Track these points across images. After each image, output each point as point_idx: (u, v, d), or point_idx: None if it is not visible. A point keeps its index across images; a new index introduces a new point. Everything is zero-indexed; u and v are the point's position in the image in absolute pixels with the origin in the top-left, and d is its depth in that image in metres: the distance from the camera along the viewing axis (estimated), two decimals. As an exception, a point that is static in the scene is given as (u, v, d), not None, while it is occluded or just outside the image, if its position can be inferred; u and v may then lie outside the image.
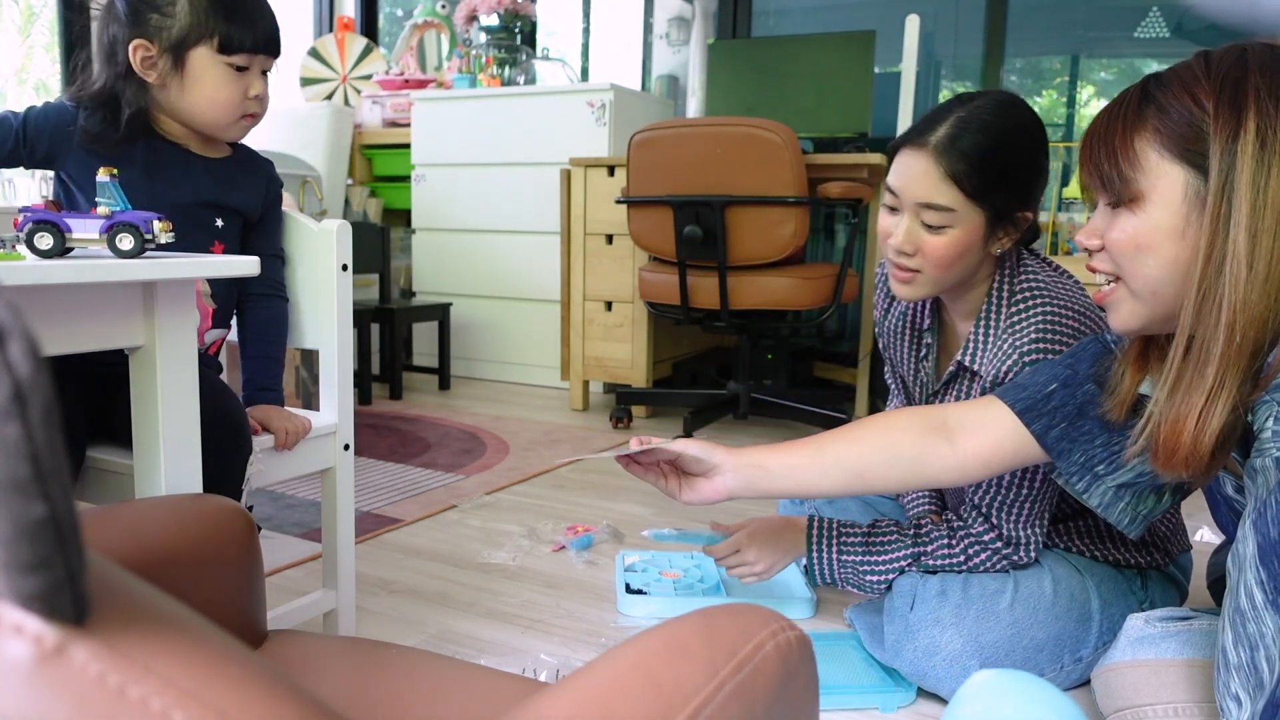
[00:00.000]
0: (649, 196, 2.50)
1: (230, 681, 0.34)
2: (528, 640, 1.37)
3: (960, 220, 1.22)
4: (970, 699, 0.72)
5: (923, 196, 1.23)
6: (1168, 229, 0.86)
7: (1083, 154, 0.93)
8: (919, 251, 1.25)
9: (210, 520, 0.76)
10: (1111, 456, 1.06)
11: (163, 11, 1.14)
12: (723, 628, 0.48)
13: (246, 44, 1.17)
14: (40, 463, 0.29)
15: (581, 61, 4.04)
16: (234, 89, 1.19)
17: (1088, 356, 1.09)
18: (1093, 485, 1.07)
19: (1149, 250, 0.88)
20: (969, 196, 1.21)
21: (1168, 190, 0.86)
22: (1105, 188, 0.91)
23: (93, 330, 0.88)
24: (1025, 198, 1.26)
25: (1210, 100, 0.84)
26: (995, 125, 1.22)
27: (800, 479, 1.14)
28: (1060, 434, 1.06)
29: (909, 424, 1.13)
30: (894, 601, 1.26)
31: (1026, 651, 1.19)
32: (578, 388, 3.09)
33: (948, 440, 1.11)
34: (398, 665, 0.76)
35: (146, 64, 1.16)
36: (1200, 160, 0.84)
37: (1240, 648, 0.78)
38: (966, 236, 1.23)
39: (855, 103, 2.98)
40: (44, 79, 3.15)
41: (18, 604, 0.31)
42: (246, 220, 1.27)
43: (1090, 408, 1.05)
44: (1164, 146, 0.86)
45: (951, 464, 1.10)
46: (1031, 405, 1.08)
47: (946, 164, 1.21)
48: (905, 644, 1.21)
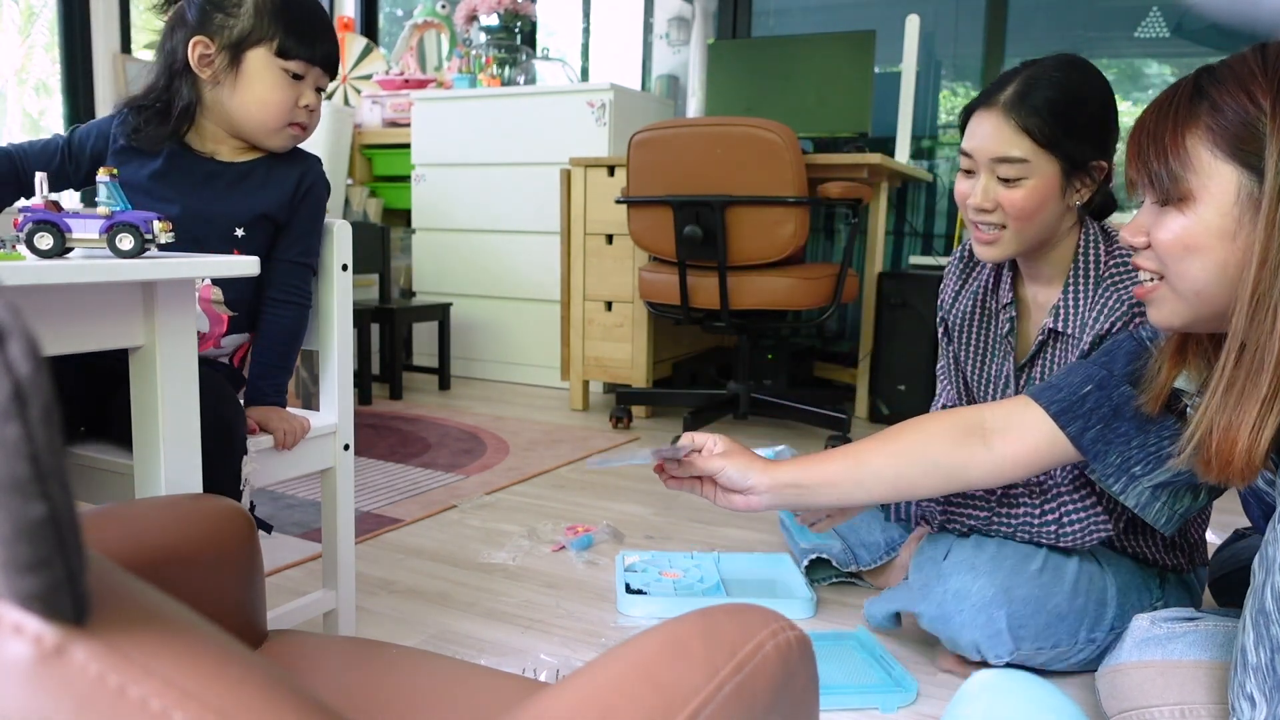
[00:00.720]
0: (649, 196, 2.50)
1: (230, 681, 0.34)
2: (528, 640, 1.37)
3: (1035, 171, 1.26)
4: (972, 698, 0.72)
5: (996, 151, 1.26)
6: (1218, 230, 0.84)
7: (1130, 150, 0.91)
8: (998, 207, 1.28)
9: (210, 520, 0.76)
10: (1148, 458, 1.05)
11: (228, 11, 1.16)
12: (723, 628, 0.48)
13: (304, 53, 1.18)
14: (40, 463, 0.29)
15: (581, 61, 4.04)
16: (286, 94, 1.19)
17: (1123, 355, 1.09)
18: (1129, 486, 1.07)
19: (1197, 252, 0.86)
20: (1041, 146, 1.25)
21: (1219, 191, 0.84)
22: (1154, 185, 0.88)
23: (93, 330, 0.88)
24: (1098, 147, 1.28)
25: (1267, 99, 0.81)
26: (1061, 80, 1.26)
27: (838, 493, 1.14)
28: (1096, 436, 1.07)
29: (944, 430, 1.13)
30: (926, 550, 1.26)
31: (1050, 616, 1.18)
32: (578, 388, 3.09)
33: (984, 444, 1.11)
34: (398, 665, 0.76)
35: (203, 61, 1.17)
36: (1255, 161, 0.81)
37: (1261, 649, 0.78)
38: (1044, 186, 1.26)
39: (855, 103, 2.98)
40: (44, 79, 3.15)
41: (17, 604, 0.31)
42: (276, 224, 1.25)
43: (1126, 409, 1.05)
44: (1216, 145, 0.83)
45: (989, 468, 1.11)
46: (1067, 407, 1.08)
47: (1017, 118, 1.25)
48: (935, 586, 1.21)
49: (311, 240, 1.26)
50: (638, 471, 2.32)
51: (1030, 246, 1.32)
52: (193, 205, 1.18)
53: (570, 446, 2.57)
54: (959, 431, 1.12)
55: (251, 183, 1.23)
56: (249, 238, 1.22)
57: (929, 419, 1.17)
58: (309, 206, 1.26)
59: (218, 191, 1.21)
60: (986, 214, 1.29)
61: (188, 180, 1.20)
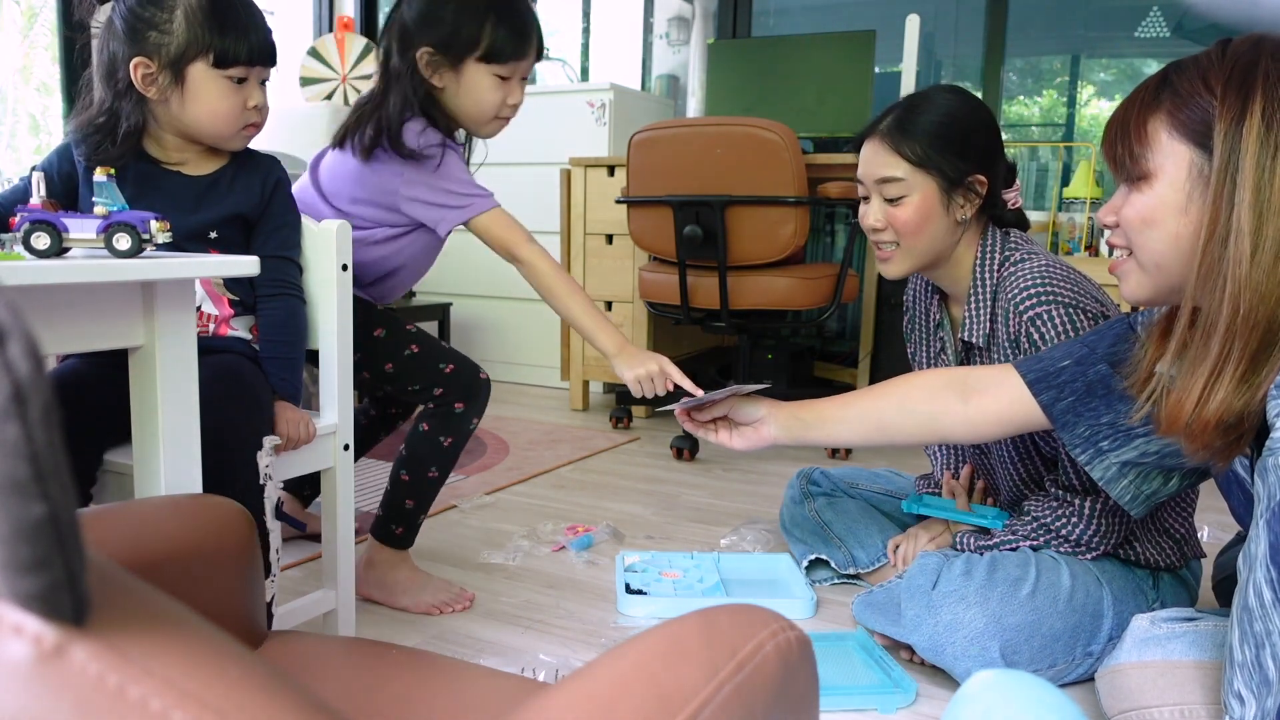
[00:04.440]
0: (649, 196, 2.50)
1: (230, 681, 0.34)
2: (528, 640, 1.37)
3: (914, 188, 1.37)
4: (971, 699, 0.72)
5: (877, 173, 1.39)
6: (1173, 204, 0.90)
7: (1104, 138, 0.98)
8: (889, 225, 1.40)
9: (210, 520, 0.76)
10: (1116, 434, 1.11)
11: (160, 29, 1.15)
12: (723, 628, 0.48)
13: (241, 57, 1.18)
14: (40, 463, 0.29)
15: (581, 61, 4.04)
16: (233, 101, 1.19)
17: (1109, 336, 1.14)
18: (1095, 459, 1.13)
19: (1155, 225, 0.92)
20: (915, 165, 1.36)
21: (1174, 169, 0.90)
22: (1119, 167, 0.95)
23: (92, 330, 0.88)
24: (976, 163, 1.37)
25: (1219, 84, 0.87)
26: (934, 104, 1.39)
27: (830, 429, 1.29)
28: (1067, 407, 1.13)
29: (929, 382, 1.25)
30: (915, 578, 1.26)
31: (1044, 639, 1.19)
32: (578, 388, 3.09)
33: (962, 399, 1.21)
34: (398, 665, 0.76)
35: (147, 81, 1.17)
36: (1206, 141, 0.87)
37: (1246, 645, 0.78)
38: (925, 202, 1.37)
39: (855, 103, 2.98)
40: (44, 79, 3.15)
41: (17, 604, 0.31)
42: (249, 222, 1.26)
43: (1099, 386, 1.11)
44: (1174, 128, 0.90)
45: (961, 420, 1.21)
46: (1042, 377, 1.15)
47: (890, 141, 1.38)
48: (925, 619, 1.21)
49: (287, 233, 1.27)
50: (644, 464, 2.33)
51: (925, 261, 1.42)
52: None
53: (570, 446, 2.57)
54: (941, 385, 1.23)
55: (219, 191, 1.24)
56: (222, 238, 1.23)
57: (921, 373, 1.30)
58: (279, 202, 1.28)
59: (187, 206, 1.21)
60: (879, 233, 1.42)
61: (157, 196, 1.20)
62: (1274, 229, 0.82)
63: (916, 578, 1.26)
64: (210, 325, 1.24)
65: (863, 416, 1.27)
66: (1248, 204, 0.83)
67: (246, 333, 1.26)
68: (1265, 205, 0.83)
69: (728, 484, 2.25)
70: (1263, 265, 0.83)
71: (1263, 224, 0.83)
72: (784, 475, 2.28)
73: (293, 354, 1.25)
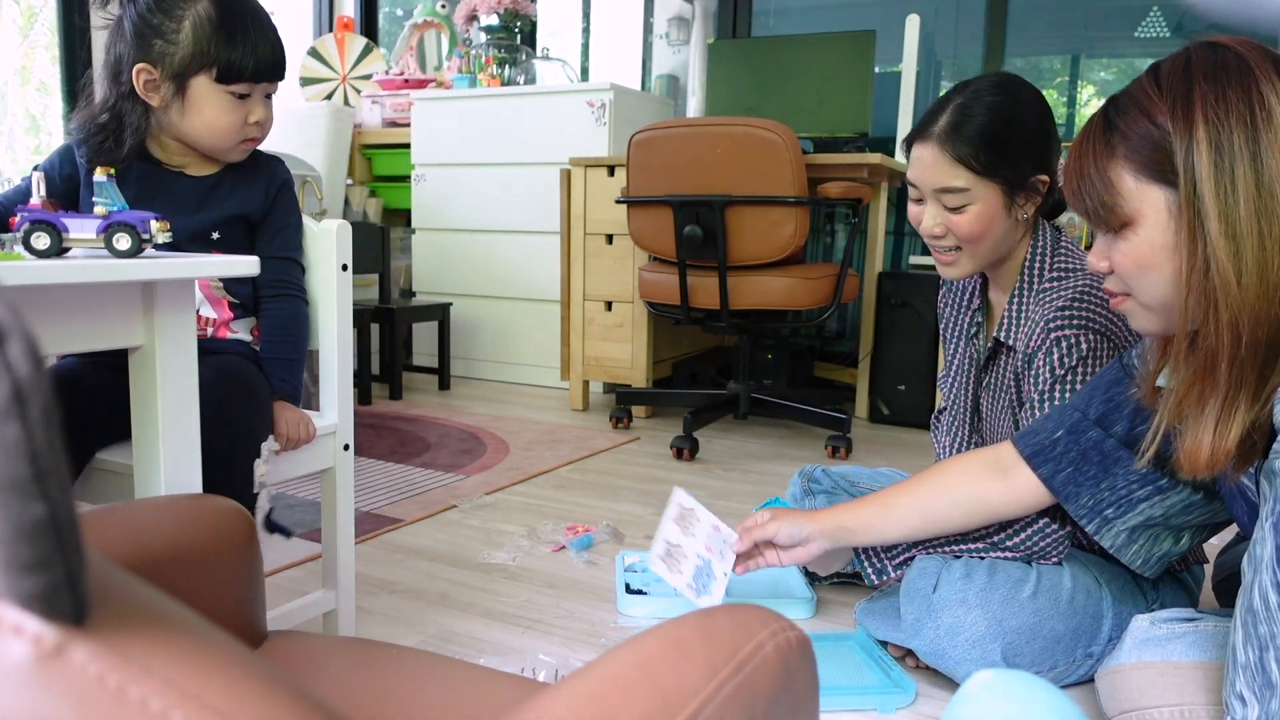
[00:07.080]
0: (649, 196, 2.50)
1: (230, 681, 0.34)
2: (527, 640, 1.37)
3: (977, 196, 1.31)
4: (971, 699, 0.72)
5: (937, 183, 1.32)
6: (1163, 246, 0.89)
7: (1066, 192, 0.97)
8: (949, 232, 1.35)
9: (210, 520, 0.76)
10: (1118, 500, 1.11)
11: (167, 38, 1.14)
12: (723, 628, 0.48)
13: (246, 73, 1.17)
14: (39, 463, 0.29)
15: (581, 61, 4.04)
16: (234, 116, 1.19)
17: (1103, 387, 1.14)
18: (1103, 528, 1.13)
19: (1151, 268, 0.91)
20: (979, 174, 1.30)
21: (1153, 211, 0.89)
22: (1095, 219, 0.94)
23: (92, 330, 0.88)
24: (1037, 163, 1.33)
25: (1165, 116, 0.86)
26: (993, 104, 1.31)
27: (875, 533, 1.27)
28: (1066, 478, 1.14)
29: (965, 468, 1.23)
30: (915, 582, 1.26)
31: (1046, 641, 1.19)
32: (578, 388, 3.09)
33: (1003, 477, 1.20)
34: (398, 665, 0.76)
35: (149, 87, 1.16)
36: (1172, 176, 0.86)
37: (1249, 647, 0.78)
38: (987, 209, 1.32)
39: (855, 103, 2.98)
40: (45, 79, 3.15)
41: (17, 604, 0.31)
42: (252, 223, 1.26)
43: (1092, 454, 1.12)
44: (1138, 171, 0.89)
45: (1010, 498, 1.20)
46: (1038, 450, 1.16)
47: (952, 149, 1.30)
48: (926, 623, 1.21)
49: (289, 234, 1.26)
50: (644, 464, 2.33)
51: (989, 261, 1.39)
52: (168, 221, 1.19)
53: (570, 446, 2.57)
54: (977, 469, 1.22)
55: (221, 192, 1.24)
56: (225, 239, 1.23)
57: (952, 462, 1.26)
58: (283, 203, 1.27)
59: (189, 207, 1.21)
60: (939, 239, 1.37)
61: (160, 197, 1.20)
62: (1253, 249, 0.82)
63: (916, 580, 1.26)
64: (209, 328, 1.24)
65: (907, 516, 1.24)
66: (1218, 231, 0.83)
67: (247, 335, 1.26)
68: (1235, 229, 0.82)
69: (728, 484, 2.25)
70: (1251, 287, 0.82)
71: (1239, 247, 0.82)
72: (784, 475, 2.28)
73: (294, 354, 1.25)
